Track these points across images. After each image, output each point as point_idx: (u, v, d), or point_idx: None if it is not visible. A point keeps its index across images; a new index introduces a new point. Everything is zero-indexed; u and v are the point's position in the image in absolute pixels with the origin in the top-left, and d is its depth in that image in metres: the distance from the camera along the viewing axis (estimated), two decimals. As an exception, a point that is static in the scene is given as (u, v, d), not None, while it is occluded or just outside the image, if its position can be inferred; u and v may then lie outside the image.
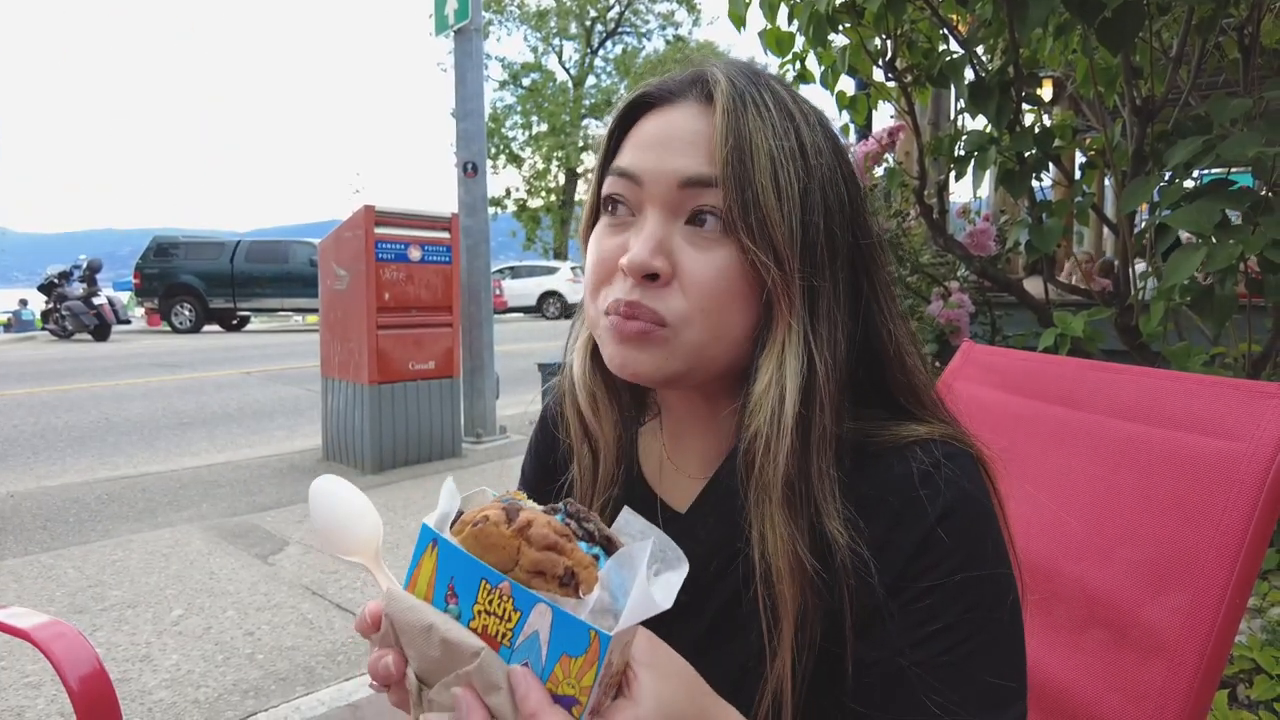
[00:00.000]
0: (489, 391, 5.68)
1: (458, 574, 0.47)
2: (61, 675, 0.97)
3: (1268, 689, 1.78)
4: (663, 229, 0.62)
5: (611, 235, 0.66)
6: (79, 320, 14.11)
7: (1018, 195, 2.16)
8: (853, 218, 0.65)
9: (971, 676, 0.57)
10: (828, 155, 0.64)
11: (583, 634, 0.44)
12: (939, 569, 0.59)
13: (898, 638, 0.59)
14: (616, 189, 0.65)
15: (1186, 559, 0.83)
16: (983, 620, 0.59)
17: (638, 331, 0.62)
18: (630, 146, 0.66)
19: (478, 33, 5.57)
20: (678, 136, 0.63)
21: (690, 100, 0.64)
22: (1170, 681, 0.80)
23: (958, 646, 0.58)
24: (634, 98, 0.68)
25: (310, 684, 2.38)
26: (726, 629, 0.66)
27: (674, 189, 0.62)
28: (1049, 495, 1.00)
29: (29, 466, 5.05)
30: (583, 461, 0.75)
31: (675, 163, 0.62)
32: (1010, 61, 2.02)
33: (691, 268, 0.61)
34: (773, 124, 0.61)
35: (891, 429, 0.65)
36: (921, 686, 0.57)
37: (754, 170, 0.60)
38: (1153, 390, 0.95)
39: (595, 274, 0.66)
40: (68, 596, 2.99)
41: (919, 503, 0.60)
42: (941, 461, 0.61)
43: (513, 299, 21.22)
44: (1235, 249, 1.44)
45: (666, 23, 30.89)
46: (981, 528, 0.61)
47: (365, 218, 4.77)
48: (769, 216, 0.60)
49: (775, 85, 0.65)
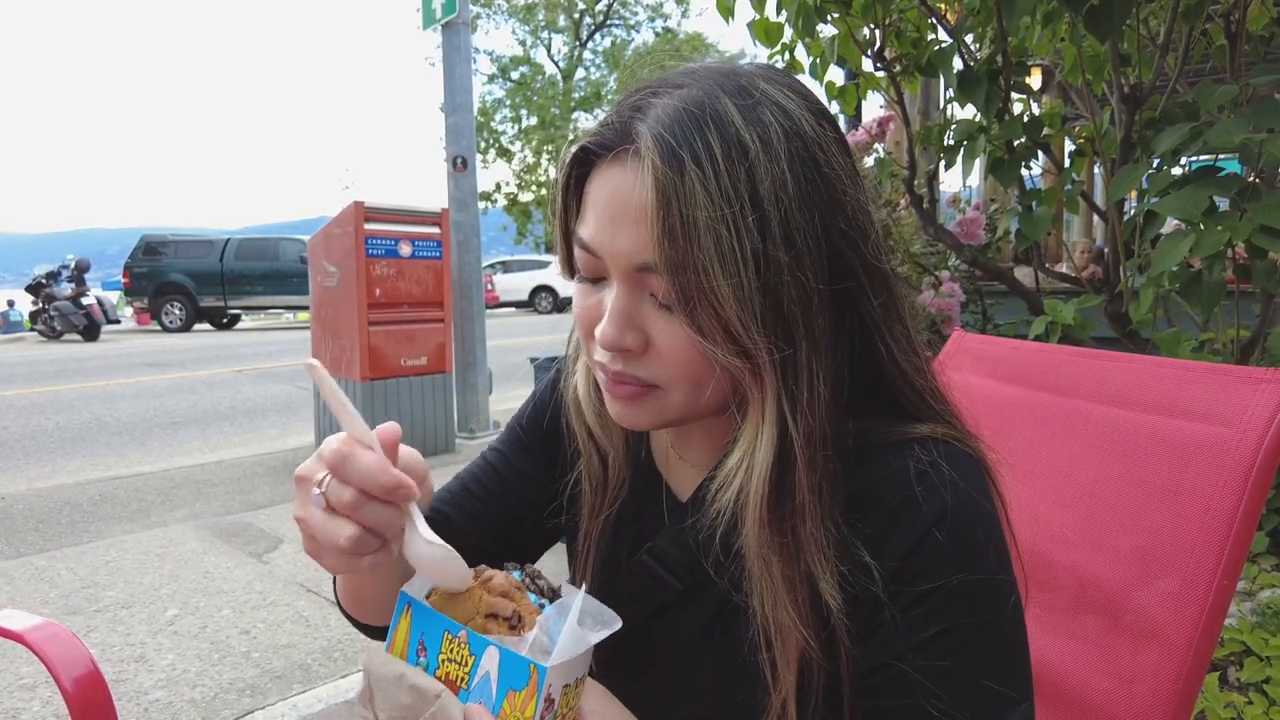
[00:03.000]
0: (482, 387, 5.67)
1: (427, 630, 0.55)
2: (56, 677, 0.97)
3: (1257, 671, 1.80)
4: (629, 302, 0.60)
5: (587, 295, 0.64)
6: (68, 320, 14.01)
7: (1007, 183, 2.16)
8: (835, 246, 0.59)
9: (971, 682, 0.57)
10: (795, 178, 0.56)
11: (523, 668, 0.51)
12: (936, 572, 0.58)
13: (896, 641, 0.58)
14: (582, 262, 0.63)
15: (1176, 544, 0.83)
16: (982, 625, 0.58)
17: (630, 394, 0.63)
18: (587, 209, 0.62)
19: (465, 26, 5.54)
20: (622, 211, 0.58)
21: (628, 158, 0.58)
22: (1161, 665, 0.81)
23: (957, 652, 0.57)
24: (575, 153, 0.63)
25: (307, 681, 2.38)
26: (728, 617, 0.67)
27: (631, 270, 0.59)
28: (1040, 482, 1.01)
29: (20, 468, 5.03)
30: (592, 471, 0.76)
31: (623, 245, 0.58)
32: (998, 50, 2.03)
33: (661, 339, 0.60)
34: (716, 180, 0.54)
35: (894, 428, 0.64)
36: (920, 691, 0.57)
37: (694, 251, 0.54)
38: (1142, 376, 0.95)
39: (581, 328, 0.66)
40: (61, 598, 2.98)
41: (914, 501, 0.59)
42: (940, 461, 0.60)
43: (504, 294, 21.18)
44: (1223, 235, 1.45)
45: (655, 14, 30.81)
46: (980, 531, 0.60)
47: (355, 214, 4.75)
48: (716, 294, 0.54)
49: (725, 107, 0.56)
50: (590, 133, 0.62)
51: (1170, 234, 1.57)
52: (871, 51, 2.30)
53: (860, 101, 2.59)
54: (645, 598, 0.71)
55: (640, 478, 0.76)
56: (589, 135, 0.61)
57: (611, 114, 0.61)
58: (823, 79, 2.43)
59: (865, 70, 2.45)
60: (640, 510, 0.75)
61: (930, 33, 2.35)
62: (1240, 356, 1.97)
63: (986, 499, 0.62)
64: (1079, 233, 8.21)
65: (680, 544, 0.70)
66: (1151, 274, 1.59)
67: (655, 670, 0.72)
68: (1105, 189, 2.08)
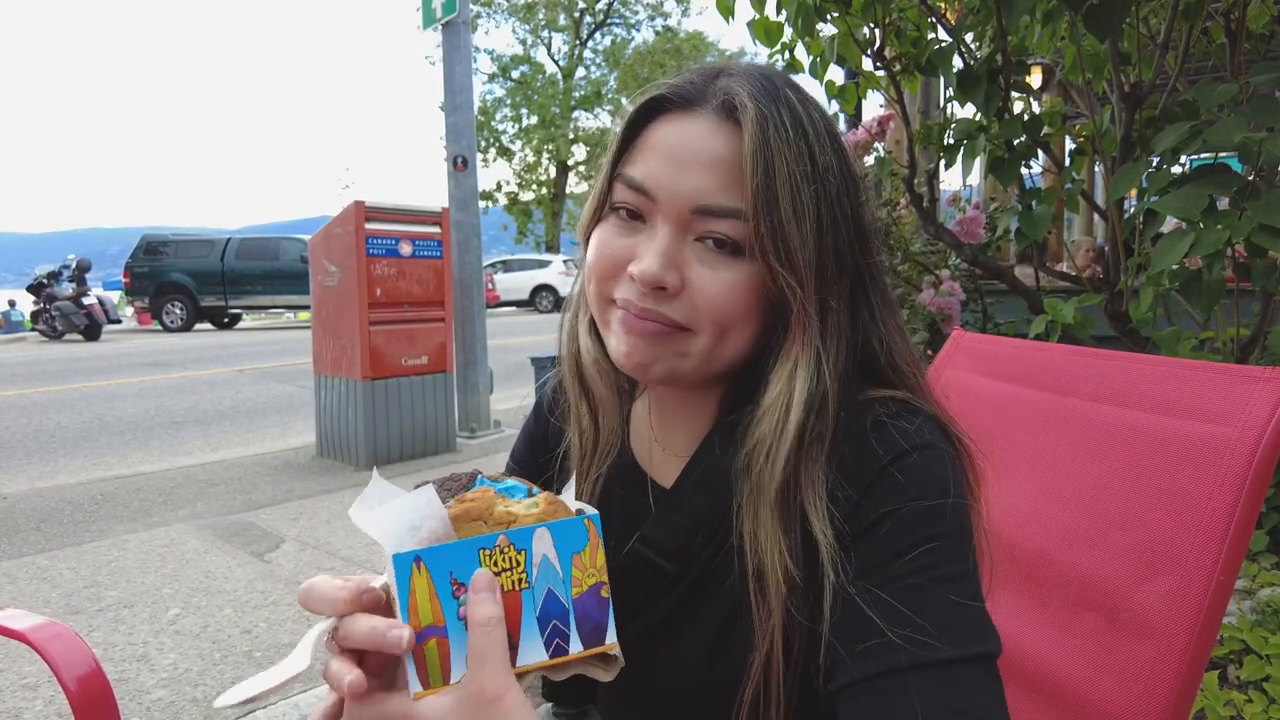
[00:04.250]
0: (482, 386, 5.67)
1: (455, 565, 0.50)
2: (58, 676, 0.97)
3: (1257, 669, 1.80)
4: (674, 243, 0.63)
5: (619, 236, 0.66)
6: (69, 320, 14.02)
7: (1007, 182, 2.16)
8: (856, 232, 0.66)
9: (937, 607, 0.57)
10: (836, 172, 0.64)
11: (578, 527, 0.52)
12: (892, 499, 0.60)
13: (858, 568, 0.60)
14: (627, 199, 0.65)
15: (1174, 542, 0.84)
16: (945, 551, 0.59)
17: (654, 331, 0.64)
18: (643, 153, 0.65)
19: (465, 25, 5.54)
20: (694, 156, 0.63)
21: (708, 113, 0.63)
22: (1160, 663, 0.81)
23: (919, 572, 0.58)
24: (649, 98, 0.66)
25: (308, 680, 2.38)
26: (709, 590, 0.69)
27: (687, 211, 0.63)
28: (1039, 481, 1.01)
29: (22, 468, 5.03)
30: (584, 430, 0.78)
31: (691, 186, 0.62)
32: (998, 49, 2.03)
33: (702, 283, 0.63)
34: (793, 147, 0.61)
35: (863, 393, 0.67)
36: (886, 615, 0.57)
37: (779, 198, 0.60)
38: (1141, 375, 0.96)
39: (600, 268, 0.67)
40: (63, 598, 2.99)
41: (869, 446, 0.63)
42: (899, 414, 0.64)
43: (505, 293, 21.18)
44: (1223, 234, 1.45)
45: (655, 13, 30.79)
46: (938, 470, 0.62)
47: (355, 213, 4.75)
48: (791, 241, 0.61)
49: (790, 96, 0.64)
50: (666, 84, 0.66)
51: (1170, 233, 1.57)
52: (871, 50, 2.30)
53: (860, 100, 2.60)
54: (640, 585, 0.73)
55: (624, 474, 0.78)
56: (666, 85, 0.66)
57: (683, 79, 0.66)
58: (822, 78, 2.43)
59: (865, 69, 2.45)
60: (627, 506, 0.77)
61: (930, 32, 2.35)
62: (1240, 355, 1.97)
63: (945, 445, 0.64)
64: (1079, 232, 8.21)
65: (670, 529, 0.72)
66: (1151, 273, 1.59)
67: (653, 653, 0.73)
68: (1105, 188, 2.08)
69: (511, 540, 0.51)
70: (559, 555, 0.52)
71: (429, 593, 0.49)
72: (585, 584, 0.52)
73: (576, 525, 0.53)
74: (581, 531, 0.53)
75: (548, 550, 0.52)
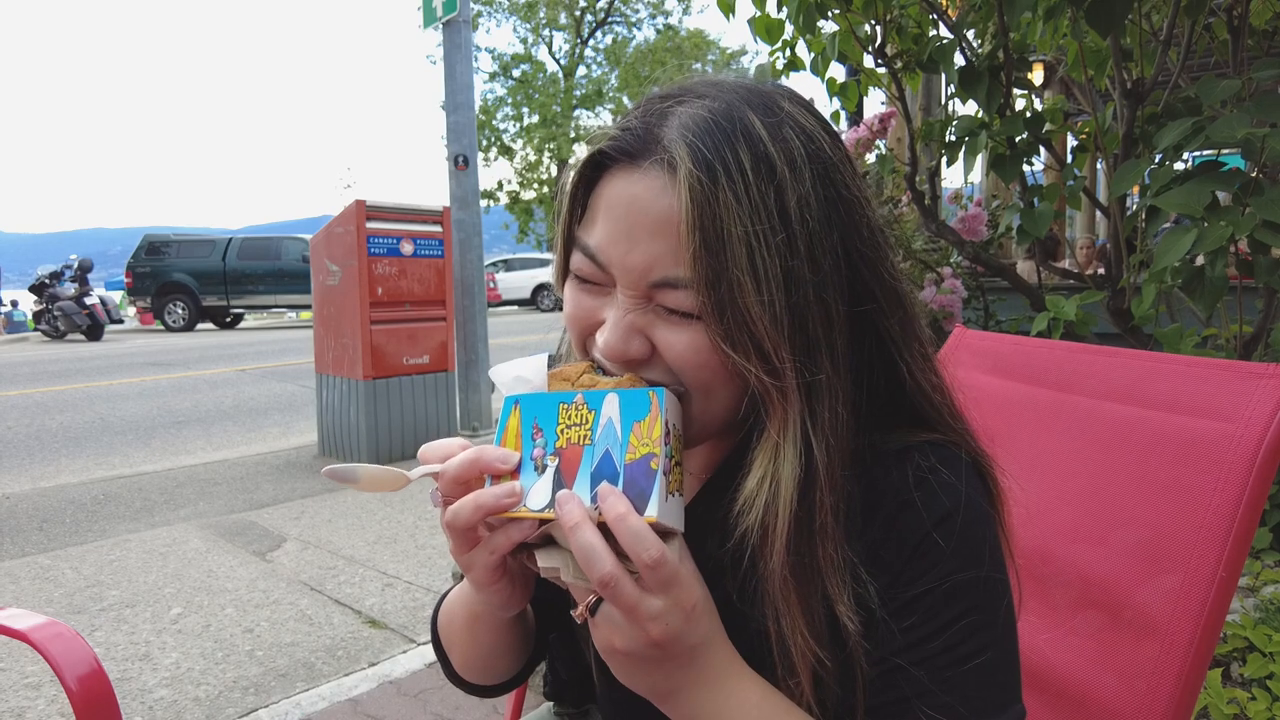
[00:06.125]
0: (484, 385, 5.67)
1: (539, 413, 0.59)
2: (60, 676, 0.97)
3: (1261, 667, 1.79)
4: (634, 314, 0.59)
5: (587, 296, 0.63)
6: (71, 320, 14.05)
7: (1009, 180, 2.16)
8: (859, 258, 0.59)
9: (967, 679, 0.57)
10: (818, 199, 0.56)
11: (643, 398, 0.56)
12: (934, 572, 0.58)
13: (893, 640, 0.58)
14: (583, 270, 0.61)
15: (1178, 540, 0.83)
16: (978, 624, 0.58)
17: None
18: (596, 214, 0.60)
19: (466, 24, 5.54)
20: (640, 221, 0.57)
21: (651, 166, 0.57)
22: (1163, 661, 0.81)
23: (953, 649, 0.58)
24: (591, 155, 0.61)
25: (310, 679, 2.39)
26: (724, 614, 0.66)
27: (644, 285, 0.58)
28: (1042, 478, 1.00)
29: (24, 468, 5.04)
30: None
31: (641, 259, 0.57)
32: (1000, 46, 2.02)
33: (669, 348, 0.59)
34: (747, 195, 0.54)
35: (895, 435, 0.63)
36: (915, 689, 0.57)
37: (727, 263, 0.54)
38: (1143, 372, 0.95)
39: (575, 328, 0.65)
40: (66, 597, 2.99)
41: (913, 506, 0.59)
42: (938, 466, 0.61)
43: (506, 292, 21.21)
44: (1225, 230, 1.44)
45: (656, 11, 30.77)
46: (978, 531, 0.60)
47: (356, 213, 4.75)
48: (748, 311, 0.54)
49: (753, 127, 0.56)
50: (608, 136, 0.60)
51: (1172, 229, 1.57)
52: (872, 47, 2.29)
53: (861, 98, 2.59)
54: None
55: None
56: (607, 138, 0.60)
57: (631, 119, 0.60)
58: (824, 75, 2.43)
59: (866, 66, 2.45)
60: None
61: (931, 28, 2.34)
62: (1243, 352, 1.97)
63: (983, 500, 0.62)
64: (1081, 229, 8.20)
65: None
66: (1154, 269, 1.58)
67: None
68: (1107, 184, 2.07)
69: (585, 399, 0.58)
70: (622, 421, 0.56)
71: (516, 432, 0.59)
72: (639, 451, 0.55)
73: (642, 396, 0.56)
74: (645, 402, 0.56)
75: (614, 414, 0.56)
